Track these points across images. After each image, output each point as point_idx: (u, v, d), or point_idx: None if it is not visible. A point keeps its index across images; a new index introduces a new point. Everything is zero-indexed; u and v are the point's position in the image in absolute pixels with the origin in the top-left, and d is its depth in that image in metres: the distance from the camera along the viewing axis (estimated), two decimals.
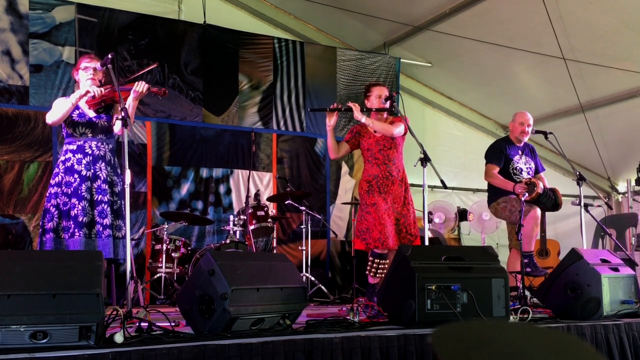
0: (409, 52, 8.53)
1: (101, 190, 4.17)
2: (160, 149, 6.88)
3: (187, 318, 3.20)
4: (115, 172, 4.30)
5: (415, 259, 3.54)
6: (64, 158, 4.21)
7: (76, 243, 4.03)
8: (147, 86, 4.21)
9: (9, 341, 2.53)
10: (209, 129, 7.16)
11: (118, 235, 4.18)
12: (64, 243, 4.06)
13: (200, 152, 7.08)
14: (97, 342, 2.64)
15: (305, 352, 2.85)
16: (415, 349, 3.09)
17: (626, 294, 4.19)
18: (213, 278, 3.05)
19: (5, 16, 6.28)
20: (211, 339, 2.80)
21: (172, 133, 6.96)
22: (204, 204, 7.04)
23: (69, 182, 4.13)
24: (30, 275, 2.64)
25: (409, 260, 3.53)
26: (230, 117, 7.30)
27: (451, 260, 3.64)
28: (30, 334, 2.56)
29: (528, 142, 5.70)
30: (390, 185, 4.70)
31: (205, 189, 7.06)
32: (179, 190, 6.94)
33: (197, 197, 7.02)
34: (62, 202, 4.11)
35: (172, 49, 6.99)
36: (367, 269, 4.74)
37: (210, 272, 3.06)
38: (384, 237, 4.56)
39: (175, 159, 6.95)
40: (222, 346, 2.70)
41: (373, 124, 4.72)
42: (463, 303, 3.50)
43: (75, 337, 2.62)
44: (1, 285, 2.56)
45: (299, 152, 7.69)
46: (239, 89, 7.40)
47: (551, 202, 5.25)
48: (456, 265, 3.62)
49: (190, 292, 3.15)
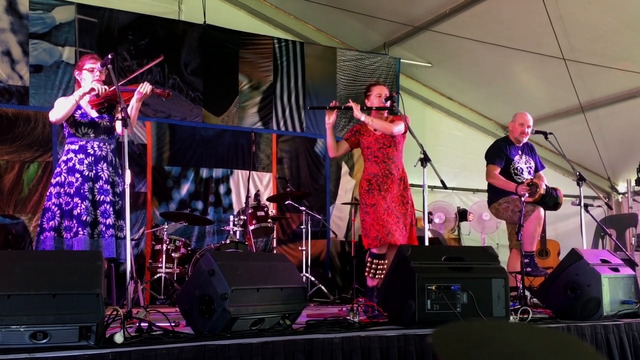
0: (409, 52, 8.53)
1: (103, 190, 4.17)
2: (160, 149, 6.88)
3: (187, 318, 3.20)
4: (116, 172, 4.31)
5: (415, 259, 3.54)
6: (65, 158, 4.21)
7: (80, 242, 4.03)
8: (150, 87, 4.22)
9: (9, 341, 2.53)
10: (209, 129, 7.16)
11: (120, 235, 4.19)
12: (65, 243, 4.06)
13: (200, 152, 7.08)
14: (97, 342, 2.64)
15: (305, 352, 2.85)
16: (415, 349, 3.09)
17: (626, 294, 4.19)
18: (213, 278, 3.05)
19: (5, 16, 6.28)
20: (211, 339, 2.80)
21: (172, 133, 6.96)
22: (204, 204, 7.04)
23: (70, 182, 4.13)
24: (30, 275, 2.64)
25: (409, 260, 3.53)
26: (230, 117, 7.30)
27: (451, 260, 3.64)
28: (30, 334, 2.56)
29: (527, 141, 5.69)
30: (390, 183, 4.70)
31: (205, 189, 7.06)
32: (179, 190, 6.94)
33: (197, 198, 7.02)
34: (65, 202, 4.11)
35: (172, 49, 6.99)
36: (366, 271, 4.74)
37: (210, 272, 3.06)
38: (381, 235, 4.56)
39: (175, 159, 6.95)
40: (222, 346, 2.70)
41: (373, 122, 4.72)
42: (463, 303, 3.50)
43: (75, 337, 2.62)
44: (1, 285, 2.56)
45: (299, 152, 7.69)
46: (238, 89, 7.40)
47: (553, 201, 5.26)
48: (456, 265, 3.62)
49: (190, 292, 3.15)
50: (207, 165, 7.10)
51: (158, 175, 6.84)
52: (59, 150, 6.10)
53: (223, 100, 7.30)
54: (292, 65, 7.76)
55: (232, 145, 7.26)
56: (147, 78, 6.43)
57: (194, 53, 7.15)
